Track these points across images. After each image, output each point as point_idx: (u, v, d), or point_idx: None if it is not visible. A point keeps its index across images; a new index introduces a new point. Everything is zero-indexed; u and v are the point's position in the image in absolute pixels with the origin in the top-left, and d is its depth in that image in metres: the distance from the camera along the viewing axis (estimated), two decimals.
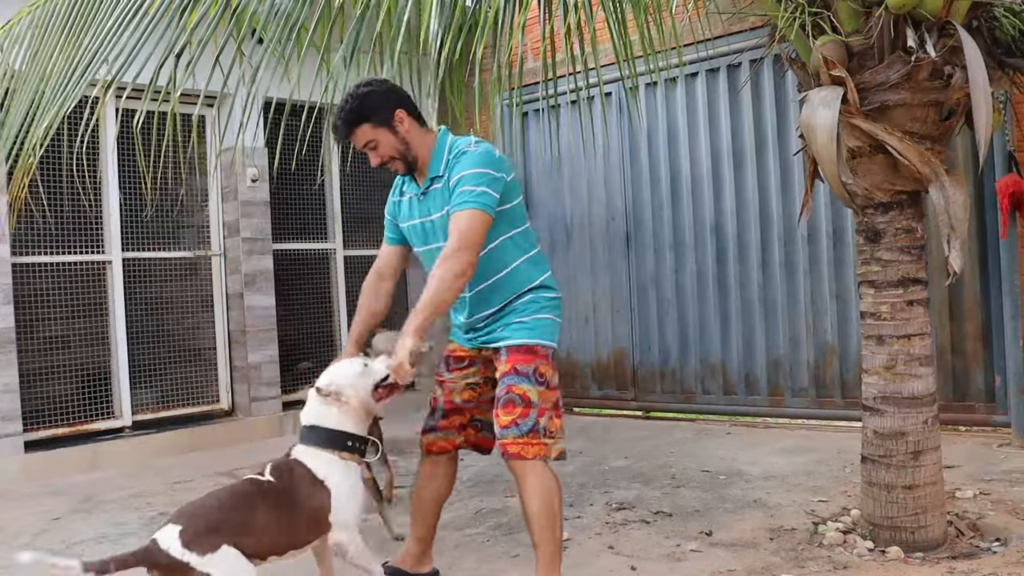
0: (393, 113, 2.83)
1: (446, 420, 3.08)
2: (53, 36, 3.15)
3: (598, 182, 6.77)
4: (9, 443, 5.20)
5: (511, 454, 2.79)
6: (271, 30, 2.93)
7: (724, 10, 4.48)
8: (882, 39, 3.18)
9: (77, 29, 3.05)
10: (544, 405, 2.83)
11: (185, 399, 6.13)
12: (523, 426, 2.78)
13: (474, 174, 2.76)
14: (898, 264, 3.29)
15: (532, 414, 2.79)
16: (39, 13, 3.36)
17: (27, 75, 3.24)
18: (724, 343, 6.17)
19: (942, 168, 3.18)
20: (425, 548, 3.20)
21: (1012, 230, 4.71)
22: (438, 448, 3.08)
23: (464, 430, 3.08)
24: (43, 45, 3.20)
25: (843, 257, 5.60)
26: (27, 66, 3.27)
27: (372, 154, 2.89)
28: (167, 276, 6.09)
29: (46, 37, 3.20)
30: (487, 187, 2.75)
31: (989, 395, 5.14)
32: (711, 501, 4.14)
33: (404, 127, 2.85)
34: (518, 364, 2.85)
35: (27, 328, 5.40)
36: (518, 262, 2.94)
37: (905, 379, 3.29)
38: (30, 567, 2.20)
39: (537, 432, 2.79)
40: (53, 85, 2.99)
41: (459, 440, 3.09)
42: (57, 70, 3.02)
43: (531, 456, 2.78)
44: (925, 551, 3.24)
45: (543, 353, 2.90)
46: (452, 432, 3.08)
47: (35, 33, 3.32)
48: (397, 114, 2.83)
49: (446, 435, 3.08)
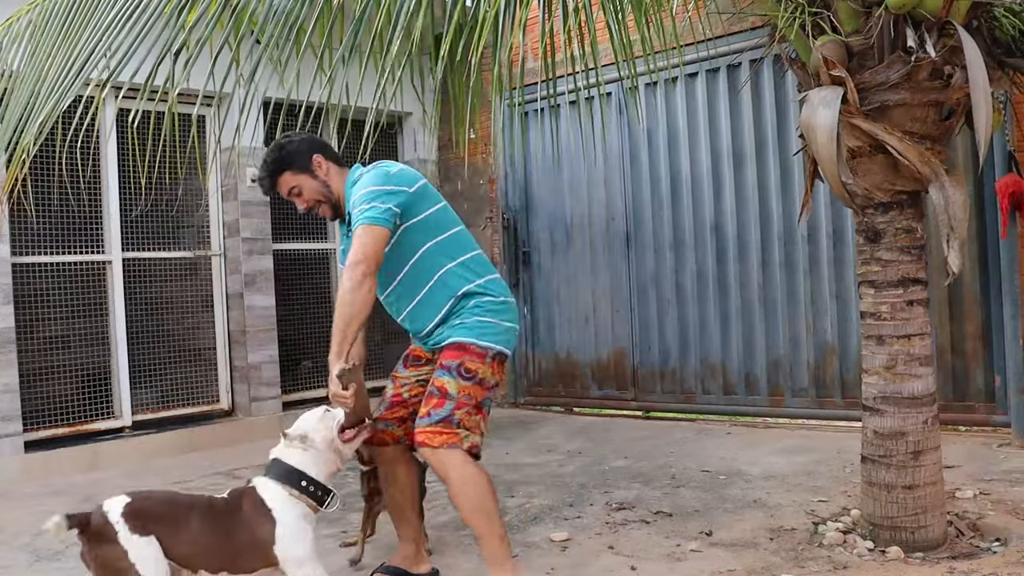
0: (311, 158, 3.03)
1: (389, 411, 3.15)
2: (52, 33, 3.15)
3: (598, 182, 6.77)
4: (9, 443, 5.20)
5: (418, 441, 2.86)
6: (269, 30, 2.93)
7: (724, 10, 4.48)
8: (882, 39, 3.18)
9: (77, 26, 3.04)
10: (463, 399, 2.87)
11: (185, 399, 6.13)
12: (435, 416, 2.85)
13: (362, 195, 2.89)
14: (898, 264, 3.29)
15: (447, 405, 2.85)
16: (38, 12, 3.36)
17: (25, 73, 3.23)
18: (724, 343, 6.17)
19: (942, 168, 3.18)
20: (418, 547, 3.25)
21: (1012, 230, 4.71)
22: (378, 439, 3.14)
23: (404, 423, 3.14)
24: (42, 42, 3.19)
25: (843, 257, 5.60)
26: (26, 63, 3.27)
27: (298, 200, 3.09)
28: (167, 276, 6.09)
29: (45, 34, 3.20)
30: (374, 201, 2.85)
31: (989, 395, 5.13)
32: (711, 501, 4.14)
33: (323, 171, 3.06)
34: (445, 359, 2.93)
35: (27, 328, 5.39)
36: (446, 268, 3.00)
37: (905, 379, 3.29)
38: (30, 567, 2.20)
39: (450, 422, 2.84)
40: (50, 81, 2.99)
41: (399, 433, 3.15)
42: (55, 66, 3.02)
43: (437, 444, 2.82)
44: (925, 551, 3.24)
45: (475, 351, 2.92)
46: (392, 424, 3.15)
47: (34, 30, 3.32)
48: (315, 159, 3.04)
49: (386, 425, 3.14)
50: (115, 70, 2.86)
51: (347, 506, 4.44)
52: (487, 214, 7.37)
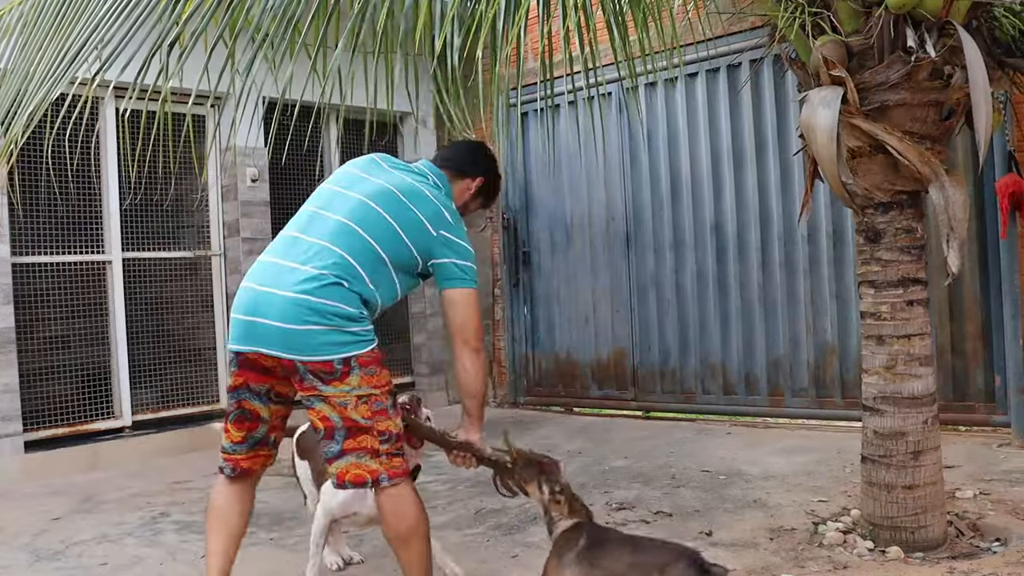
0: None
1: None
2: (43, 27, 3.11)
3: (598, 182, 6.77)
4: (9, 443, 5.20)
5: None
6: (265, 27, 2.91)
7: (724, 10, 4.47)
8: (882, 39, 3.18)
9: (69, 19, 3.01)
10: None
11: (185, 399, 6.13)
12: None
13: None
14: (898, 264, 3.29)
15: None
16: (29, 5, 3.33)
17: (15, 66, 3.20)
18: (724, 343, 6.17)
19: (942, 168, 3.18)
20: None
21: (1012, 230, 4.71)
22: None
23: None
24: (33, 35, 3.15)
25: (843, 257, 5.60)
26: (16, 57, 3.23)
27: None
28: (167, 276, 6.09)
29: (37, 27, 3.16)
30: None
31: (989, 395, 5.13)
32: (711, 501, 4.14)
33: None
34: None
35: (27, 328, 5.39)
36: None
37: (905, 379, 3.29)
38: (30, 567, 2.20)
39: None
40: (40, 73, 2.95)
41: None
42: (46, 60, 2.98)
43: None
44: (925, 551, 3.24)
45: None
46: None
47: (25, 24, 3.28)
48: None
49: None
50: (105, 62, 2.82)
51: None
52: (487, 214, 7.36)
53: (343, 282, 2.51)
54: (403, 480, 2.58)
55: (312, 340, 2.47)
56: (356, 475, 2.54)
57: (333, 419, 2.52)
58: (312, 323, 2.47)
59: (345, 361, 2.48)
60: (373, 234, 2.59)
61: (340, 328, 2.49)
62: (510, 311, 7.29)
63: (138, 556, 3.76)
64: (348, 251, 2.56)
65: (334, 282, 2.50)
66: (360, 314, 2.53)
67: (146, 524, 4.24)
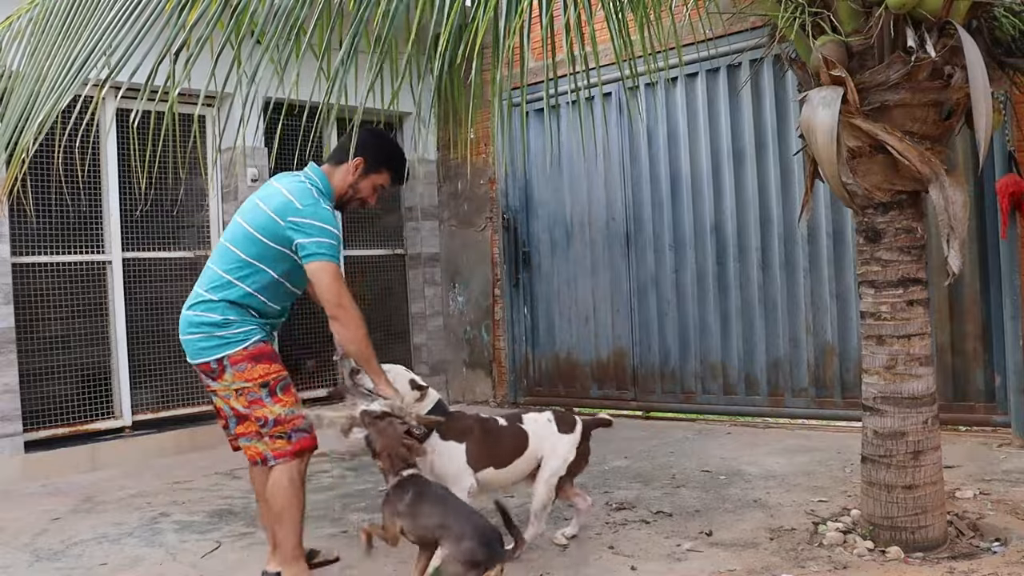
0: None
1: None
2: (52, 32, 3.14)
3: (598, 182, 6.77)
4: (9, 443, 5.20)
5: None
6: (270, 30, 2.92)
7: (724, 10, 4.47)
8: (882, 39, 3.18)
9: (77, 24, 3.04)
10: None
11: (185, 399, 6.12)
12: None
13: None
14: (898, 264, 3.29)
15: None
16: (39, 10, 3.35)
17: (26, 72, 3.23)
18: (724, 343, 6.17)
19: (942, 168, 3.19)
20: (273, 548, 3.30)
21: (1012, 230, 4.71)
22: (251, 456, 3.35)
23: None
24: (43, 41, 3.18)
25: (843, 257, 5.60)
26: (26, 62, 3.26)
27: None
28: (167, 276, 6.09)
29: (46, 32, 3.19)
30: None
31: (989, 395, 5.14)
32: (711, 501, 4.14)
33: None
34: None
35: (27, 328, 5.39)
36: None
37: (905, 379, 3.29)
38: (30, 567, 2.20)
39: None
40: (51, 80, 2.98)
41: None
42: (55, 65, 3.01)
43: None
44: (925, 551, 3.24)
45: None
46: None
47: (35, 29, 3.31)
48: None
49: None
50: (115, 68, 2.85)
51: (347, 506, 4.44)
52: (487, 214, 7.37)
53: (212, 295, 3.08)
54: (287, 460, 3.03)
55: (192, 347, 3.09)
56: (252, 454, 3.17)
57: (225, 409, 3.14)
58: (190, 333, 3.09)
59: (219, 361, 3.03)
60: (237, 244, 3.11)
61: (209, 335, 3.05)
62: (510, 311, 7.29)
63: (138, 556, 3.77)
64: (220, 265, 3.12)
65: (204, 299, 3.09)
66: (224, 320, 3.05)
67: (146, 524, 4.24)
